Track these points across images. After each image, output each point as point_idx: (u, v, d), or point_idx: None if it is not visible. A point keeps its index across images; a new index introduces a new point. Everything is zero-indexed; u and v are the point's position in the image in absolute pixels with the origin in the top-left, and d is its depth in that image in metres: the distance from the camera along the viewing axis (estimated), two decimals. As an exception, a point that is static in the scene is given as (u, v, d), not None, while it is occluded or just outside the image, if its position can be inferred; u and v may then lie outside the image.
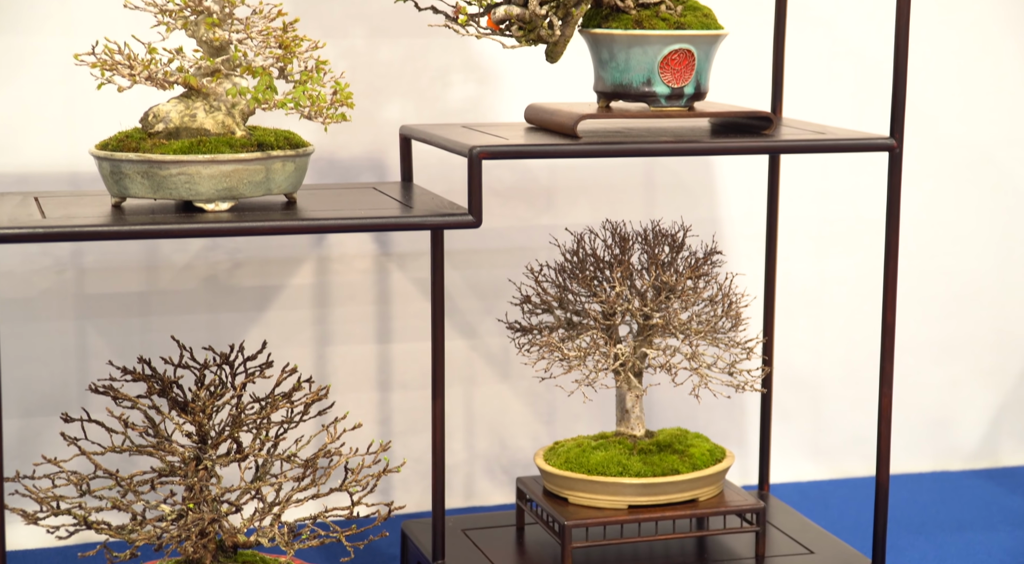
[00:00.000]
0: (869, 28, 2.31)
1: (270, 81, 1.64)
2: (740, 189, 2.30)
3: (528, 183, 2.22)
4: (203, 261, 2.09)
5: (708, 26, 1.78)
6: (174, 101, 1.65)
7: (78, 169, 1.98)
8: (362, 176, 2.12)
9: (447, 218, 1.68)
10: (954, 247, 2.43)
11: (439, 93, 2.15)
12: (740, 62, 2.23)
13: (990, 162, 2.42)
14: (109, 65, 1.60)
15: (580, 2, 1.75)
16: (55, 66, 1.95)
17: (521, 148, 1.71)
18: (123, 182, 1.62)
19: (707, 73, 1.80)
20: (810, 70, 2.30)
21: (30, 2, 1.94)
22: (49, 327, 2.03)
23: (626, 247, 1.92)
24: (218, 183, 1.61)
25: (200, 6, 1.63)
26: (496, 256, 2.22)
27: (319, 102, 1.65)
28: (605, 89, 1.82)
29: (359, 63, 2.09)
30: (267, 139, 1.65)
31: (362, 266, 2.16)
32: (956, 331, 2.46)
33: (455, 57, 2.14)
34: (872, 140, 1.79)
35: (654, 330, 1.91)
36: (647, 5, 1.78)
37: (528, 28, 1.74)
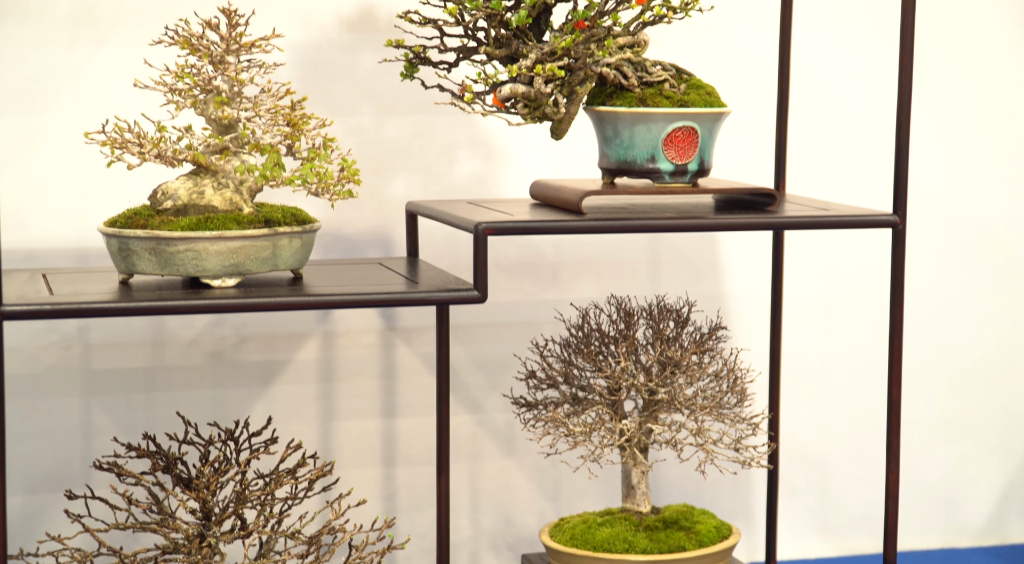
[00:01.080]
0: (871, 104, 2.33)
1: (278, 158, 1.65)
2: (744, 264, 2.31)
3: (534, 258, 2.23)
4: (209, 336, 2.09)
5: (711, 104, 1.80)
6: (183, 178, 1.67)
7: (86, 246, 1.99)
8: (368, 251, 2.13)
9: (453, 293, 1.68)
10: (959, 323, 2.44)
11: (445, 169, 2.16)
12: (743, 139, 2.25)
13: (993, 238, 2.43)
14: (119, 143, 1.62)
15: (584, 80, 1.77)
16: (65, 144, 1.97)
17: (526, 224, 1.72)
18: (131, 259, 1.63)
19: (711, 150, 1.82)
20: (813, 146, 2.31)
21: (41, 81, 1.97)
22: (54, 403, 2.03)
23: (631, 322, 1.93)
24: (225, 259, 1.62)
25: (209, 85, 1.65)
26: (501, 331, 2.22)
27: (326, 179, 1.66)
28: (610, 166, 1.83)
29: (366, 140, 2.11)
30: (274, 215, 1.67)
31: (367, 341, 2.16)
32: (962, 407, 2.46)
33: (461, 134, 2.16)
34: (875, 217, 1.79)
35: (659, 405, 1.91)
36: (651, 83, 1.80)
37: (533, 106, 1.76)
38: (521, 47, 1.76)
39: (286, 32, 1.98)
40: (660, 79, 1.80)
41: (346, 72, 2.09)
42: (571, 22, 1.74)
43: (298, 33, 2.05)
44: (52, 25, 1.96)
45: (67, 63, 1.97)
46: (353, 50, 2.08)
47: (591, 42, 1.74)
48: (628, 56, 1.79)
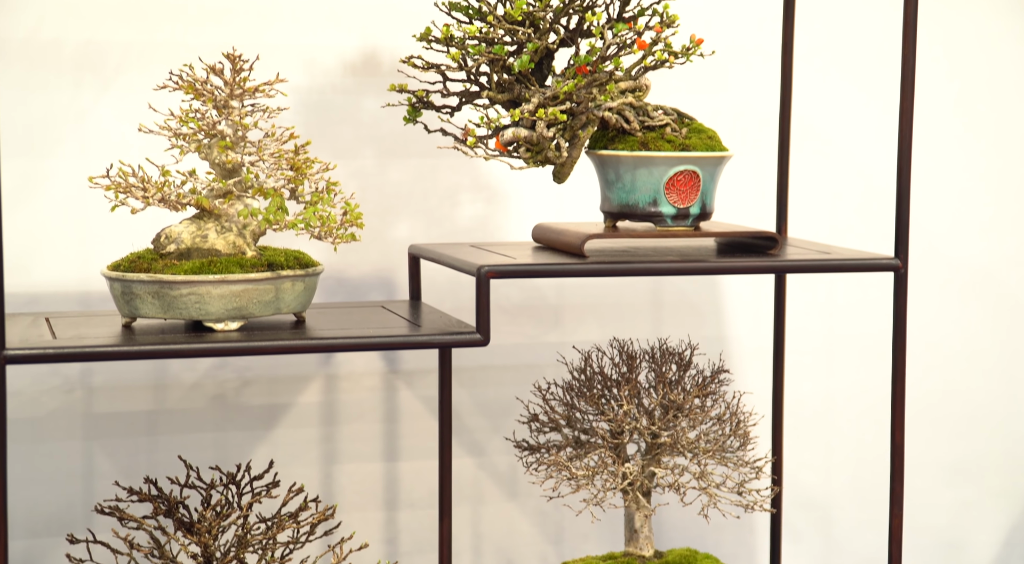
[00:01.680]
0: (872, 147, 2.34)
1: (281, 202, 1.66)
2: (747, 308, 2.31)
3: (536, 301, 2.23)
4: (211, 380, 2.09)
5: (713, 148, 1.81)
6: (186, 222, 1.67)
7: (89, 289, 1.99)
8: (371, 294, 2.13)
9: (455, 337, 1.68)
10: (962, 366, 2.43)
11: (448, 212, 2.17)
12: (745, 182, 2.26)
13: (995, 281, 2.44)
14: (123, 188, 1.63)
15: (587, 124, 1.78)
16: (69, 188, 1.97)
17: (529, 267, 1.72)
18: (134, 302, 1.63)
19: (712, 193, 1.83)
20: (814, 189, 2.32)
21: (45, 125, 1.98)
22: (56, 447, 2.03)
23: (633, 365, 1.93)
24: (228, 303, 1.62)
25: (214, 130, 1.66)
26: (504, 373, 2.22)
27: (329, 222, 1.67)
28: (612, 209, 1.84)
29: (369, 183, 2.12)
30: (277, 259, 1.67)
31: (370, 384, 2.16)
32: (966, 451, 2.45)
33: (464, 177, 2.17)
34: (877, 260, 1.80)
35: (662, 449, 1.91)
36: (652, 128, 1.81)
37: (536, 150, 1.76)
38: (523, 91, 1.77)
39: (290, 77, 1.99)
40: (662, 123, 1.81)
41: (349, 116, 2.10)
42: (573, 67, 1.75)
43: (302, 77, 2.06)
44: (58, 69, 1.97)
45: (72, 107, 1.98)
46: (356, 94, 2.10)
47: (593, 86, 1.75)
48: (630, 100, 1.80)
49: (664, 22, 1.78)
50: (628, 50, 1.74)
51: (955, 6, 2.36)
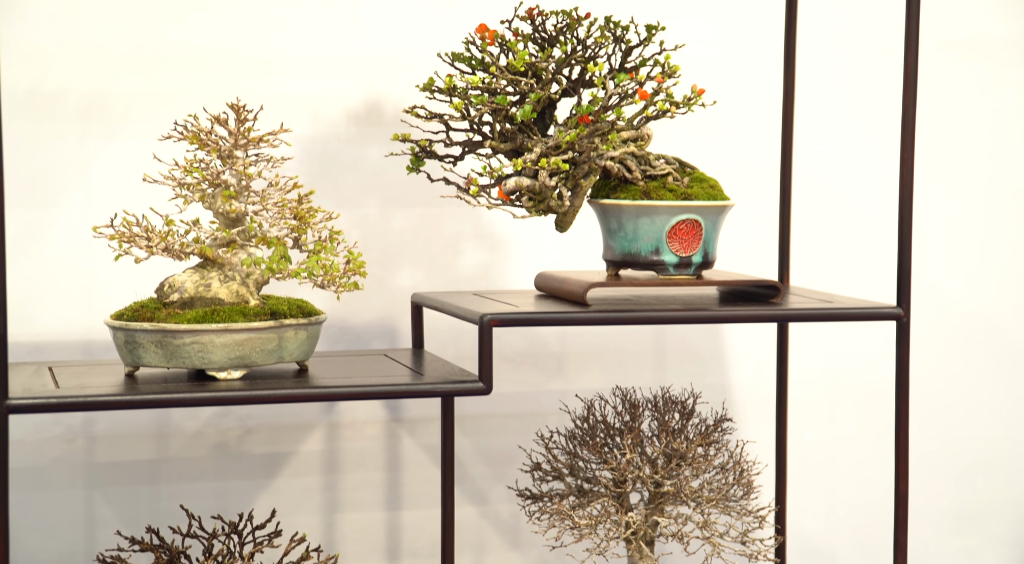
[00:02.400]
0: (874, 196, 2.35)
1: (284, 251, 1.66)
2: (749, 356, 2.31)
3: (539, 349, 2.23)
4: (214, 428, 2.09)
5: (715, 197, 1.82)
6: (189, 271, 1.68)
7: (92, 338, 2.00)
8: (373, 343, 2.14)
9: (457, 385, 1.68)
10: (965, 414, 2.43)
11: (450, 261, 2.18)
12: (747, 231, 2.27)
13: (998, 329, 2.44)
14: (127, 237, 1.63)
15: (589, 173, 1.79)
16: (73, 237, 1.98)
17: (532, 316, 1.73)
18: (137, 351, 1.63)
19: (714, 242, 1.83)
20: (816, 238, 2.33)
21: (51, 175, 1.99)
22: (58, 496, 2.02)
23: (636, 414, 1.93)
24: (231, 352, 1.62)
25: (218, 179, 1.67)
26: (506, 422, 2.21)
27: (332, 271, 1.67)
28: (614, 258, 1.84)
29: (372, 232, 2.13)
30: (280, 308, 1.67)
31: (372, 432, 2.16)
32: (969, 500, 2.44)
33: (466, 226, 2.18)
34: (879, 309, 1.80)
35: (665, 498, 1.90)
36: (654, 177, 1.82)
37: (538, 199, 1.77)
38: (526, 141, 1.78)
39: (294, 126, 2.00)
40: (664, 172, 1.82)
41: (353, 165, 2.11)
42: (575, 117, 1.76)
43: (306, 127, 2.07)
44: (63, 120, 1.98)
45: (77, 157, 1.99)
46: (360, 144, 2.11)
47: (595, 136, 1.76)
48: (632, 150, 1.81)
49: (666, 72, 1.79)
50: (630, 100, 1.75)
51: (955, 55, 2.37)
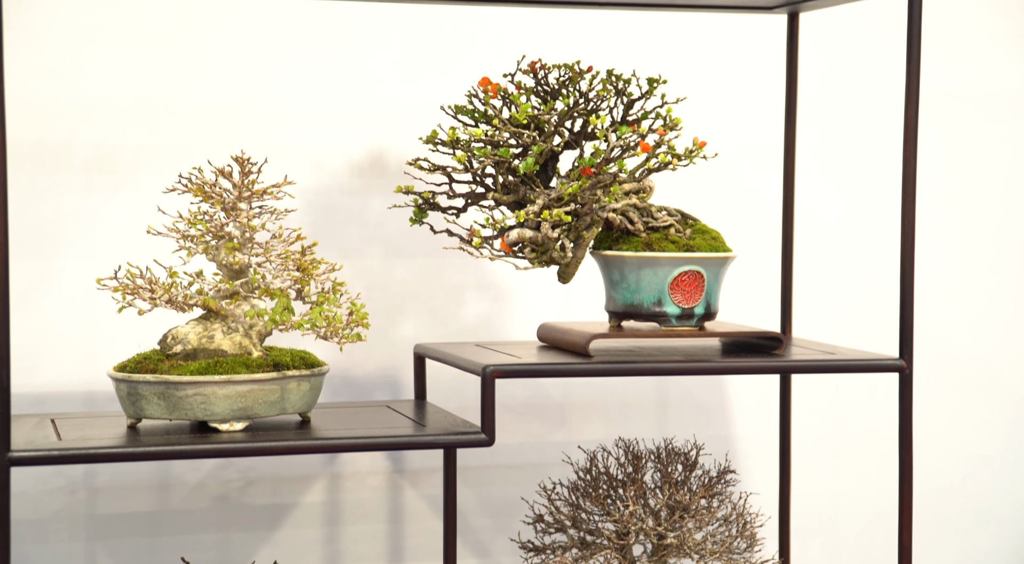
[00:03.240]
0: (876, 247, 2.35)
1: (288, 303, 1.67)
2: (752, 407, 2.31)
3: (541, 399, 2.23)
4: (215, 480, 2.08)
5: (717, 248, 1.82)
6: (193, 323, 1.68)
7: (95, 389, 2.00)
8: (376, 394, 2.13)
9: (460, 437, 1.68)
10: (969, 466, 2.42)
11: (453, 311, 2.18)
12: (749, 282, 2.27)
13: (1001, 380, 2.43)
14: (131, 289, 1.64)
15: (591, 225, 1.80)
16: (77, 289, 1.99)
17: (534, 367, 1.73)
18: (139, 403, 1.63)
19: (717, 293, 1.83)
20: (818, 289, 2.33)
21: (55, 227, 1.99)
22: (59, 548, 2.02)
23: (639, 465, 1.92)
24: (233, 403, 1.62)
25: (221, 231, 1.68)
26: (509, 473, 2.21)
27: (335, 323, 1.67)
28: (616, 309, 1.84)
29: (375, 283, 2.13)
30: (283, 359, 1.67)
31: (374, 483, 2.15)
32: (973, 551, 2.43)
33: (469, 276, 2.18)
34: (882, 361, 1.80)
35: (669, 550, 1.89)
36: (657, 228, 1.82)
37: (541, 250, 1.78)
38: (528, 193, 1.78)
39: (298, 178, 2.01)
40: (666, 224, 1.82)
41: (356, 216, 2.12)
42: (578, 169, 1.77)
43: (310, 179, 2.08)
44: (69, 172, 1.99)
45: (82, 209, 2.00)
46: (363, 195, 2.12)
47: (597, 188, 1.76)
48: (634, 202, 1.82)
49: (667, 125, 1.80)
50: (632, 152, 1.76)
51: (957, 106, 2.39)
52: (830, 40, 2.31)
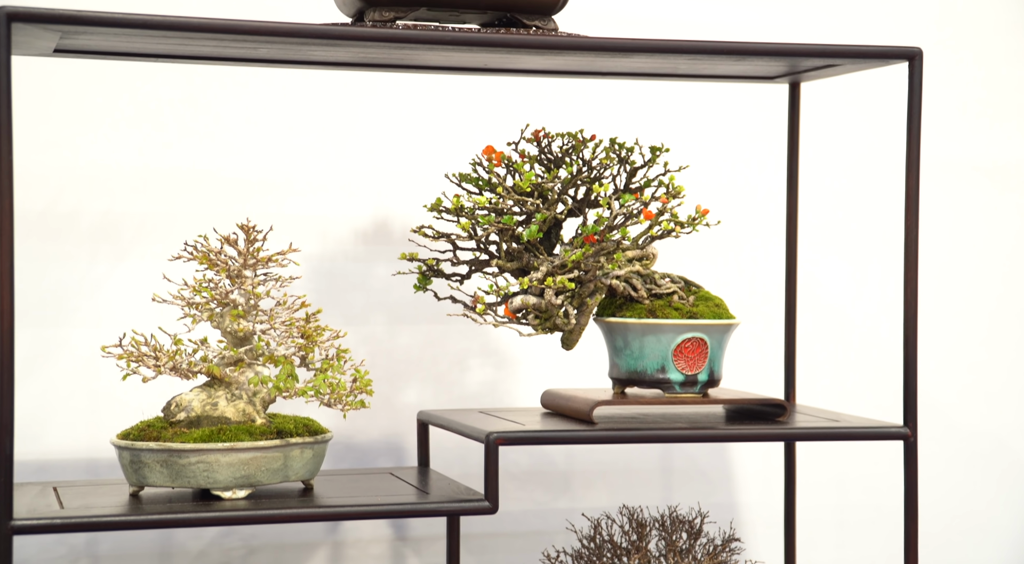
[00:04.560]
0: (879, 315, 2.36)
1: (292, 370, 1.67)
2: (757, 475, 2.30)
3: (545, 466, 2.22)
4: (217, 548, 2.07)
5: (720, 315, 1.82)
6: (196, 390, 1.68)
7: (98, 456, 1.99)
8: (379, 461, 2.13)
9: (463, 504, 1.67)
10: (975, 535, 2.40)
11: (457, 378, 2.18)
12: (752, 349, 2.27)
13: (1006, 449, 2.42)
14: (135, 357, 1.64)
15: (595, 292, 1.80)
16: (81, 357, 1.99)
17: (538, 434, 1.72)
18: (142, 471, 1.63)
19: (720, 360, 1.83)
20: (822, 356, 2.33)
21: (61, 295, 2.00)
22: (60, 617, 2.00)
23: (643, 533, 1.91)
24: (236, 471, 1.62)
25: (226, 299, 1.68)
26: (512, 541, 2.20)
27: (339, 390, 1.67)
28: (620, 375, 1.85)
29: (379, 349, 2.13)
30: (286, 426, 1.67)
31: (377, 551, 2.14)
32: (983, 619, 2.41)
33: (473, 343, 2.18)
34: (886, 429, 1.79)
35: (673, 620, 1.88)
36: (660, 295, 1.83)
37: (544, 317, 1.78)
38: (532, 260, 1.79)
39: (303, 245, 2.03)
40: (669, 291, 1.83)
41: (361, 283, 2.12)
42: (581, 236, 1.77)
43: (314, 246, 2.09)
44: (75, 241, 2.00)
45: (87, 278, 2.01)
46: (368, 262, 2.13)
47: (601, 255, 1.77)
48: (637, 269, 1.82)
49: (670, 193, 1.81)
50: (635, 220, 1.77)
51: (958, 177, 2.40)
52: (832, 109, 2.32)
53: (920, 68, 1.76)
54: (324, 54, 1.75)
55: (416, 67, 1.90)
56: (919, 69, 1.76)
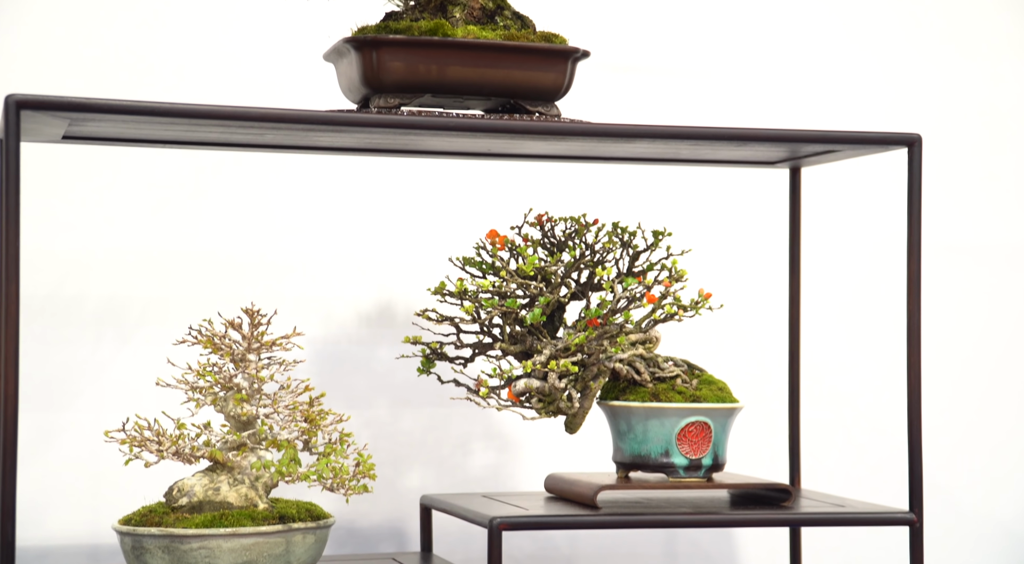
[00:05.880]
0: (883, 398, 2.35)
1: (294, 454, 1.67)
2: (762, 560, 2.28)
3: (549, 551, 2.21)
4: (218, 633, 2.05)
5: (723, 399, 1.82)
6: (199, 475, 1.68)
7: (99, 543, 1.98)
8: (381, 545, 2.11)
9: (467, 592, 1.66)
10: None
11: (460, 461, 2.17)
12: (757, 433, 2.26)
13: (1012, 535, 2.40)
14: (138, 441, 1.64)
15: (598, 376, 1.80)
16: (84, 441, 1.98)
17: (541, 519, 1.71)
18: (144, 557, 1.62)
19: (724, 444, 1.83)
20: (826, 440, 2.32)
21: (64, 379, 2.00)
22: None
23: (648, 620, 1.89)
24: (238, 556, 1.61)
25: (230, 383, 1.68)
26: (516, 627, 2.18)
27: (342, 474, 1.67)
28: (624, 459, 1.84)
29: (382, 432, 2.13)
30: (289, 511, 1.67)
31: (379, 638, 2.12)
32: None
33: (476, 426, 2.18)
34: (892, 515, 1.78)
35: None
36: (663, 379, 1.83)
37: (548, 400, 1.78)
38: (536, 343, 1.79)
39: (307, 328, 2.03)
40: (672, 374, 1.83)
41: (364, 366, 2.12)
42: (584, 319, 1.78)
43: (318, 329, 2.10)
44: (79, 324, 2.01)
45: (91, 361, 2.01)
46: (371, 345, 2.13)
47: (604, 339, 1.77)
48: (640, 352, 1.82)
49: (673, 277, 1.82)
50: (638, 303, 1.78)
51: (960, 259, 2.41)
52: (832, 192, 2.34)
53: (919, 154, 1.77)
54: (330, 140, 1.77)
55: (421, 152, 1.92)
56: (918, 155, 1.77)
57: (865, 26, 2.38)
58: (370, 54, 1.64)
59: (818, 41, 2.36)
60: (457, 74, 1.66)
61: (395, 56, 1.64)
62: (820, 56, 2.36)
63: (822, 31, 2.37)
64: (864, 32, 2.38)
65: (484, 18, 1.70)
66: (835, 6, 2.37)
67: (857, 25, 2.38)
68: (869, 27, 2.39)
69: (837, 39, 2.37)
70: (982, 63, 2.42)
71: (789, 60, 2.34)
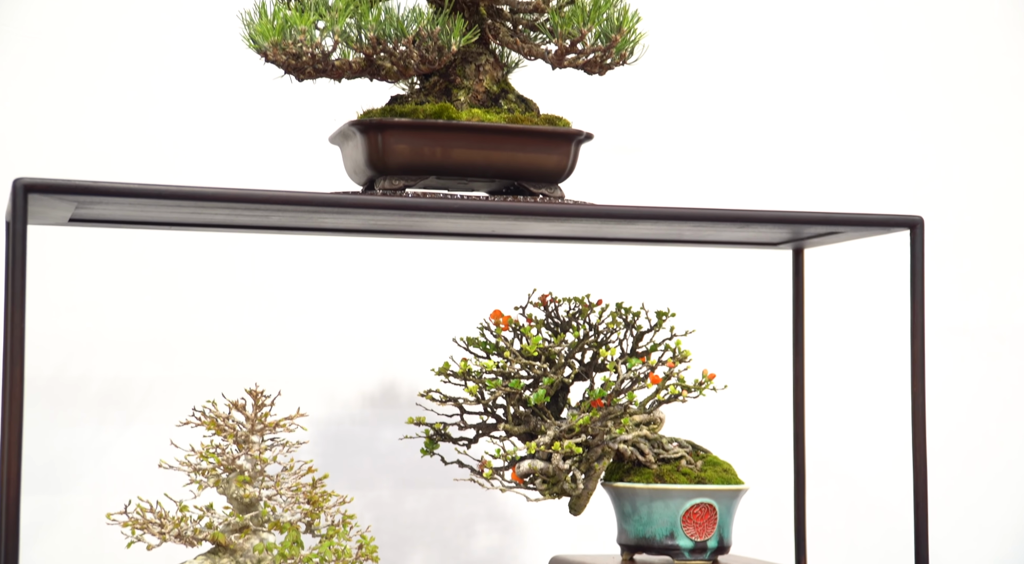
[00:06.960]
0: (889, 479, 2.34)
1: (297, 536, 1.66)
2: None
3: (553, 635, 2.18)
4: None
5: (728, 481, 1.81)
6: (201, 557, 1.67)
7: (100, 625, 1.97)
8: (385, 631, 2.09)
9: None
10: None
11: (463, 543, 2.16)
12: (762, 514, 2.25)
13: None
14: (140, 524, 1.63)
15: (602, 457, 1.80)
16: (86, 524, 1.97)
17: (545, 603, 1.70)
18: (145, 641, 1.61)
19: (729, 526, 1.82)
20: (832, 521, 2.31)
21: (67, 461, 1.99)
22: None
23: None
24: (240, 641, 1.59)
25: (233, 464, 1.68)
26: None
27: (344, 557, 1.66)
28: (628, 541, 1.83)
29: (385, 514, 2.12)
30: (291, 594, 1.65)
31: None
32: None
33: (480, 507, 2.16)
34: (899, 596, 1.77)
35: None
36: (668, 460, 1.82)
37: (552, 482, 1.77)
38: (539, 424, 1.79)
39: (310, 409, 2.02)
40: (677, 456, 1.82)
41: (367, 447, 2.12)
42: (588, 400, 1.78)
43: (322, 410, 2.09)
44: (83, 406, 2.01)
45: (94, 442, 2.00)
46: (374, 426, 2.12)
47: (608, 420, 1.77)
48: (644, 433, 1.82)
49: (676, 357, 1.82)
50: (642, 384, 1.78)
51: (963, 341, 2.41)
52: (836, 273, 2.35)
53: (922, 236, 1.78)
54: (335, 221, 1.78)
55: (425, 233, 1.93)
56: (921, 237, 1.78)
57: (868, 107, 2.41)
58: (375, 137, 1.65)
59: (821, 122, 2.38)
60: (462, 156, 1.67)
61: (400, 139, 1.65)
62: (823, 137, 2.38)
63: (825, 112, 2.39)
64: (867, 114, 2.41)
65: (488, 101, 1.72)
66: (838, 87, 2.40)
67: (860, 106, 2.40)
68: (872, 108, 2.41)
69: (840, 120, 2.39)
70: (985, 144, 2.44)
71: (792, 141, 2.36)
